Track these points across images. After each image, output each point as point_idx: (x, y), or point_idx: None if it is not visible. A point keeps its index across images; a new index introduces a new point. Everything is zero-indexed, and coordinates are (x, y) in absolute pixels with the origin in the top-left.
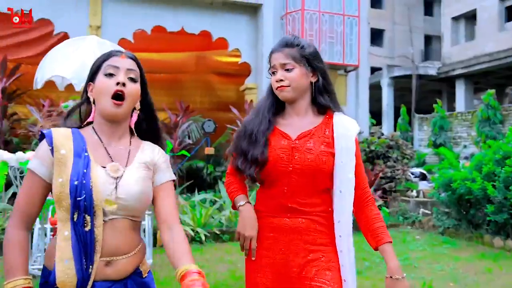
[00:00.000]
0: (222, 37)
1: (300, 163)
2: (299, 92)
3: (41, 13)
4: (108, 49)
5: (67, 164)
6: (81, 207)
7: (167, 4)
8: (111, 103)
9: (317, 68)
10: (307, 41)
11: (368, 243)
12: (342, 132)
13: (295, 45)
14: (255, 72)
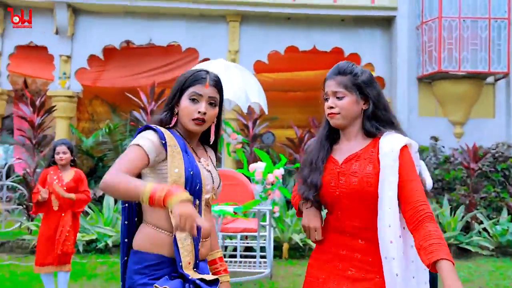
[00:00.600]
0: (355, 52)
1: (346, 187)
2: (350, 119)
3: (189, 43)
4: (232, 71)
5: (178, 157)
6: (196, 193)
7: (299, 25)
8: (192, 123)
9: (370, 95)
10: (361, 69)
11: (423, 262)
12: (386, 151)
13: (348, 72)
14: (389, 86)
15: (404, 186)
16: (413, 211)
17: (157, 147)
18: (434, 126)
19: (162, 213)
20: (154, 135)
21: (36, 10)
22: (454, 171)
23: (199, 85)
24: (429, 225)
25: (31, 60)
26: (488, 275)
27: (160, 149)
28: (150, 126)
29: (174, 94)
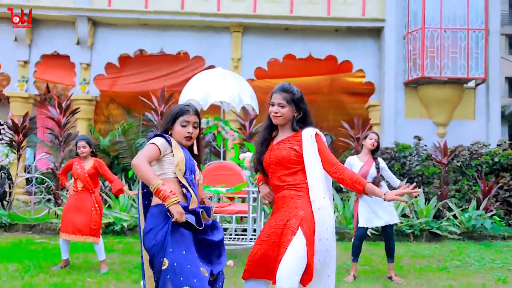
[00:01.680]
0: (347, 59)
1: (274, 158)
2: (286, 120)
3: (196, 52)
4: (227, 77)
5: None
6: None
7: (296, 35)
8: (184, 140)
9: (301, 107)
10: (296, 89)
11: (357, 191)
12: (306, 137)
13: (289, 91)
14: (378, 90)
15: (324, 156)
16: (335, 168)
17: (165, 145)
18: (419, 127)
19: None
20: (162, 139)
21: (60, 23)
22: (433, 167)
23: (186, 115)
24: (347, 172)
25: (55, 67)
26: (449, 253)
27: (166, 146)
28: (159, 134)
29: (168, 121)
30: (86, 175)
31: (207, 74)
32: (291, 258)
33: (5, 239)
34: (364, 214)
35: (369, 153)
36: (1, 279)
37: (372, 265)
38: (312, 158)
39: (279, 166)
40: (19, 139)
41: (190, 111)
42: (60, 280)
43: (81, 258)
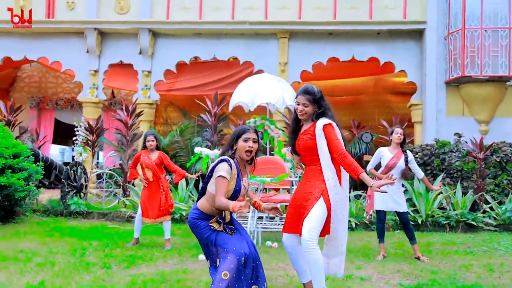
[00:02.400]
0: (389, 61)
1: (301, 144)
2: (308, 116)
3: (245, 58)
4: (272, 81)
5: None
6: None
7: (340, 39)
8: (245, 154)
9: (322, 104)
10: (317, 89)
11: (353, 177)
12: (318, 128)
13: (311, 93)
14: (420, 90)
15: (331, 144)
16: (338, 155)
17: (230, 172)
18: (461, 125)
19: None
20: (227, 167)
21: (124, 35)
22: (472, 163)
23: (247, 133)
24: (347, 159)
25: (120, 75)
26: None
27: (230, 172)
28: (226, 160)
29: (233, 139)
30: (153, 164)
31: (254, 79)
32: (312, 217)
33: (84, 224)
34: (379, 198)
35: (398, 146)
36: (88, 250)
37: (403, 249)
38: (322, 145)
39: (307, 151)
40: (93, 139)
41: (250, 129)
42: (134, 253)
43: (148, 239)
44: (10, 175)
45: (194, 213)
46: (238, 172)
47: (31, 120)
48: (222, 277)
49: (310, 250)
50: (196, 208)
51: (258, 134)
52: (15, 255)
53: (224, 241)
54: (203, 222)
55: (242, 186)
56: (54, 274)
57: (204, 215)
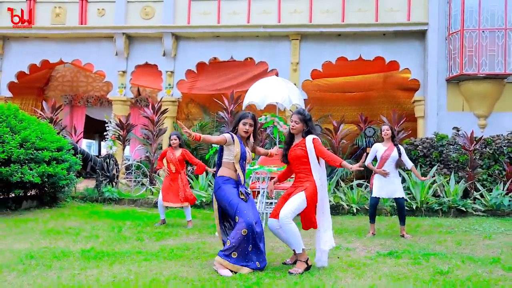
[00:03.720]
0: (394, 60)
1: (292, 156)
2: (298, 131)
3: (260, 58)
4: (280, 83)
5: (238, 144)
6: (244, 158)
7: (348, 40)
8: (243, 133)
9: (308, 124)
10: (307, 113)
11: (334, 165)
12: (308, 141)
13: (302, 114)
14: (423, 87)
15: (319, 151)
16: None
17: (230, 139)
18: (461, 119)
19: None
20: (229, 135)
21: (150, 39)
22: (466, 156)
23: (246, 118)
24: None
25: (145, 75)
26: (466, 224)
27: (231, 141)
28: (227, 132)
29: (236, 122)
30: (177, 160)
31: (264, 81)
32: (290, 202)
33: (116, 209)
34: (376, 186)
35: (389, 140)
36: (123, 228)
37: (393, 230)
38: (312, 155)
39: (296, 160)
40: (124, 134)
41: (248, 116)
42: (161, 230)
43: (173, 221)
44: (55, 165)
45: (217, 180)
46: (240, 141)
47: (65, 117)
48: (242, 233)
49: (284, 224)
50: (218, 176)
51: (256, 120)
52: (66, 230)
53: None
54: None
55: (247, 153)
56: (100, 243)
57: (226, 177)
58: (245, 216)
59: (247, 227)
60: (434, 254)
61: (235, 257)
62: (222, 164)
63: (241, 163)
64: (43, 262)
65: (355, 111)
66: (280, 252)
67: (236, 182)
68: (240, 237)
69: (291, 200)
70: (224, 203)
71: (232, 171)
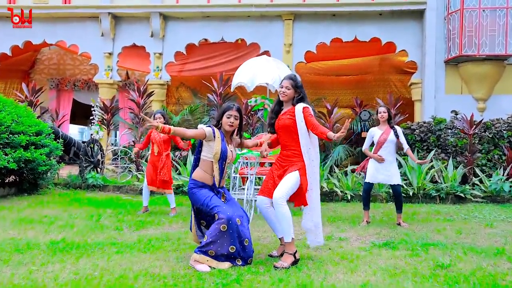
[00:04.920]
0: (391, 41)
1: (280, 125)
2: (289, 98)
3: (252, 39)
4: (270, 63)
5: (219, 141)
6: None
7: (343, 20)
8: (228, 127)
9: (300, 90)
10: (299, 79)
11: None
12: (297, 110)
13: (293, 80)
14: (420, 68)
15: (308, 122)
16: (313, 128)
17: (210, 134)
18: (459, 103)
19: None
20: (210, 129)
21: (137, 19)
22: (466, 140)
23: (230, 111)
24: (319, 128)
25: (132, 57)
26: (465, 211)
27: (211, 136)
28: (209, 126)
29: (220, 115)
30: (161, 140)
31: (253, 61)
32: (285, 184)
33: (100, 195)
34: (370, 171)
35: (385, 123)
36: (103, 216)
37: (389, 217)
38: (301, 124)
39: (285, 130)
40: (108, 118)
41: (233, 108)
42: (144, 219)
43: (158, 208)
44: (34, 150)
45: (190, 183)
46: (223, 137)
47: (51, 101)
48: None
49: (279, 205)
50: (192, 179)
51: (241, 112)
52: (40, 219)
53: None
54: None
55: (229, 151)
56: (74, 233)
57: (200, 183)
58: (224, 212)
59: (227, 222)
60: (433, 244)
61: (213, 255)
62: (200, 162)
63: (220, 164)
64: (1, 256)
65: (349, 95)
66: (266, 243)
67: (211, 188)
68: (218, 233)
69: (286, 180)
70: (198, 205)
71: (207, 175)
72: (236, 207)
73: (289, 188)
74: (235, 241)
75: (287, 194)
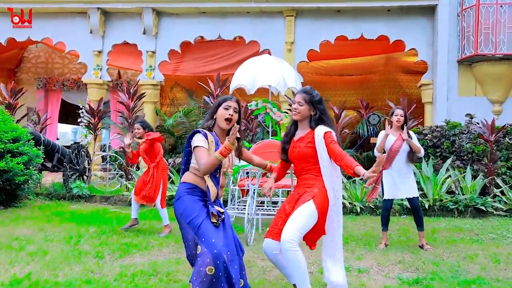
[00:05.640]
0: (399, 39)
1: (296, 153)
2: (302, 117)
3: (251, 37)
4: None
5: (213, 147)
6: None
7: (348, 16)
8: (225, 123)
9: (317, 107)
10: (316, 92)
11: (350, 174)
12: (317, 135)
13: (308, 93)
14: (431, 69)
15: (330, 150)
16: (336, 157)
17: (205, 141)
18: (473, 105)
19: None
20: (202, 137)
21: (128, 15)
22: (483, 145)
23: (229, 101)
24: (344, 159)
25: (124, 55)
26: (490, 228)
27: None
28: (198, 131)
29: (215, 108)
30: (143, 152)
31: (254, 61)
32: (296, 217)
33: (86, 207)
34: (388, 187)
35: (399, 129)
36: (83, 237)
37: (407, 236)
38: (323, 153)
39: (301, 160)
40: (95, 122)
41: (232, 98)
42: (129, 241)
43: (148, 224)
44: (10, 159)
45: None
46: (217, 140)
47: (39, 101)
48: (207, 272)
49: (289, 251)
50: (182, 182)
51: (240, 105)
52: (10, 242)
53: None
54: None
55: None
56: (44, 265)
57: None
58: (211, 245)
59: (214, 262)
60: (474, 281)
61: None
62: (190, 168)
63: (213, 175)
64: None
65: (354, 95)
66: (272, 279)
67: (204, 195)
68: (205, 278)
69: (297, 214)
70: (183, 223)
71: (199, 179)
72: (228, 237)
73: (302, 226)
74: (225, 286)
75: (300, 234)
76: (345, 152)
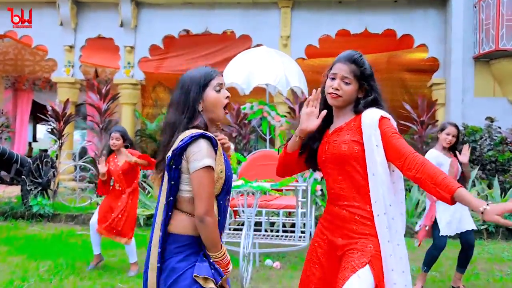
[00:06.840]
0: (407, 33)
1: (329, 152)
2: (346, 103)
3: (242, 31)
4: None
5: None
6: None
7: (350, 8)
8: (223, 112)
9: (373, 86)
10: (367, 63)
11: (440, 199)
12: (367, 122)
13: (360, 65)
14: (443, 66)
15: (390, 145)
16: (409, 161)
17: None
18: (492, 107)
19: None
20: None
21: (104, 5)
22: (509, 153)
23: (217, 77)
24: (430, 167)
25: (99, 51)
26: None
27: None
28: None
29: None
30: (120, 172)
31: (250, 54)
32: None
33: (47, 229)
34: (445, 220)
35: (448, 150)
36: (29, 282)
37: (441, 271)
38: (375, 154)
39: (337, 166)
40: (60, 127)
41: (218, 73)
42: (91, 284)
43: (118, 256)
44: None
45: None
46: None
47: (6, 102)
48: None
49: None
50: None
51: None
52: None
53: None
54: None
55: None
56: None
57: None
58: None
59: None
60: None
61: None
62: (180, 201)
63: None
64: None
65: None
66: None
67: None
68: None
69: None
70: None
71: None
72: None
73: None
74: None
75: None
76: (423, 156)
